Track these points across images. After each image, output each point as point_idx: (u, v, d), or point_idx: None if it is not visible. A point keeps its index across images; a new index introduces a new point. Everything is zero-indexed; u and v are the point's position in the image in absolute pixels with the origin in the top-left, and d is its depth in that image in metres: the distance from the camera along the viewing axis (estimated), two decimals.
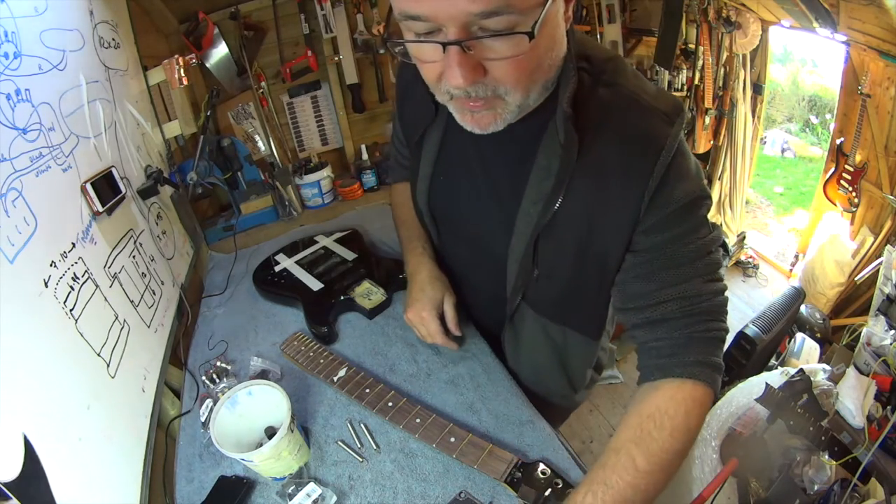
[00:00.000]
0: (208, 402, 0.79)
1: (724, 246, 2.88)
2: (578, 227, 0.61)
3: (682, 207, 0.57)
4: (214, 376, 0.85)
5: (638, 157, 0.56)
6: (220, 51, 1.68)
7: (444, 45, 0.44)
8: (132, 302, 0.83)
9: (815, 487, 1.05)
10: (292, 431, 0.65)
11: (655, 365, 0.61)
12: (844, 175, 2.11)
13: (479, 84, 0.48)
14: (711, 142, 2.70)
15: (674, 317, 0.59)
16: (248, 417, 0.69)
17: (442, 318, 0.81)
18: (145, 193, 0.99)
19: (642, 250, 0.60)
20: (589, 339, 0.78)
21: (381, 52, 1.91)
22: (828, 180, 2.21)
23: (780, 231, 3.42)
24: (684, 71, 2.54)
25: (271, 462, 0.64)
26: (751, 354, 1.64)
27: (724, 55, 2.47)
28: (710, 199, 0.61)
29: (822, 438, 1.07)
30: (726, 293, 0.61)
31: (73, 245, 0.69)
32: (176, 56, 1.17)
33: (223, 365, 0.89)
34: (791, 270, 2.73)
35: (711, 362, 0.59)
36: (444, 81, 0.49)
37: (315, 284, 1.03)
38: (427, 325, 0.80)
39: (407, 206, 0.88)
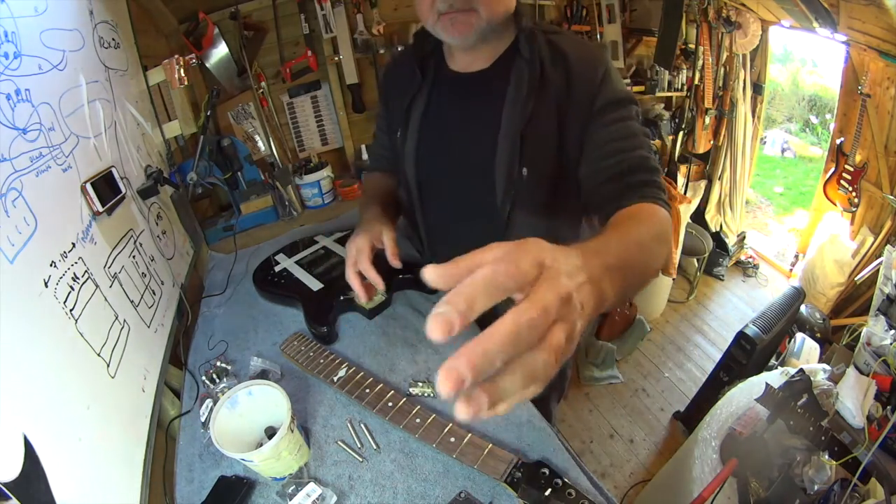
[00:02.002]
0: (208, 402, 0.79)
1: (724, 245, 2.89)
2: (553, 124, 0.78)
3: (619, 100, 0.77)
4: (214, 376, 0.85)
5: (588, 70, 0.77)
6: (220, 51, 1.68)
7: None
8: (132, 302, 0.83)
9: (815, 487, 1.05)
10: (292, 431, 0.65)
11: (621, 203, 0.70)
12: (844, 175, 2.11)
13: None
14: (711, 142, 2.70)
15: (630, 181, 0.73)
16: (248, 417, 0.69)
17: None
18: (145, 193, 0.99)
19: (602, 137, 0.77)
20: (574, 224, 0.92)
21: (381, 51, 1.91)
22: (828, 180, 2.21)
23: (780, 231, 3.42)
24: (684, 71, 2.54)
25: (271, 462, 0.64)
26: (751, 354, 1.63)
27: (724, 55, 2.47)
28: (637, 105, 0.80)
29: (822, 438, 1.07)
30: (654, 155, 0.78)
31: (73, 245, 0.69)
32: (176, 56, 1.17)
33: (223, 365, 0.89)
34: (791, 270, 2.73)
35: (662, 196, 0.72)
36: (436, 2, 0.72)
37: (315, 284, 1.03)
38: (351, 253, 0.87)
39: (372, 185, 1.06)
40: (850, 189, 2.09)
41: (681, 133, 2.63)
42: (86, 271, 0.70)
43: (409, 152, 0.90)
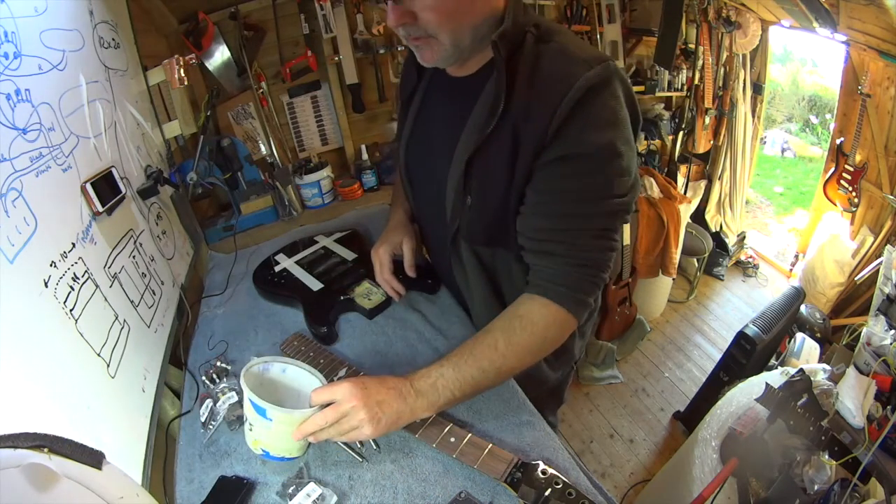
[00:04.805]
0: (208, 402, 0.79)
1: (724, 245, 2.89)
2: (505, 158, 0.68)
3: (587, 156, 0.64)
4: (214, 376, 0.85)
5: (552, 92, 0.63)
6: (221, 51, 1.68)
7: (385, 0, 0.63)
8: (132, 302, 0.83)
9: (815, 487, 1.05)
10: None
11: (537, 283, 0.72)
12: (844, 175, 2.11)
13: (410, 26, 0.64)
14: (711, 142, 2.71)
15: (559, 254, 0.70)
16: (268, 389, 0.69)
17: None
18: (145, 193, 0.99)
19: (543, 191, 0.69)
20: (514, 255, 0.80)
21: (381, 51, 1.91)
22: (828, 180, 2.21)
23: (780, 231, 3.42)
24: (684, 71, 2.54)
25: (279, 431, 0.63)
26: (751, 354, 1.63)
27: (724, 55, 2.47)
28: (624, 157, 0.65)
29: (822, 438, 1.07)
30: (614, 252, 0.71)
31: (73, 245, 0.69)
32: (176, 56, 1.17)
33: (223, 365, 0.88)
34: (791, 270, 2.73)
35: (581, 299, 0.71)
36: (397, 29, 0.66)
37: (315, 284, 1.03)
38: (375, 265, 0.96)
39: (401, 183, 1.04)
40: (850, 189, 2.09)
41: (681, 133, 2.63)
42: (86, 271, 0.70)
43: (401, 149, 0.90)
